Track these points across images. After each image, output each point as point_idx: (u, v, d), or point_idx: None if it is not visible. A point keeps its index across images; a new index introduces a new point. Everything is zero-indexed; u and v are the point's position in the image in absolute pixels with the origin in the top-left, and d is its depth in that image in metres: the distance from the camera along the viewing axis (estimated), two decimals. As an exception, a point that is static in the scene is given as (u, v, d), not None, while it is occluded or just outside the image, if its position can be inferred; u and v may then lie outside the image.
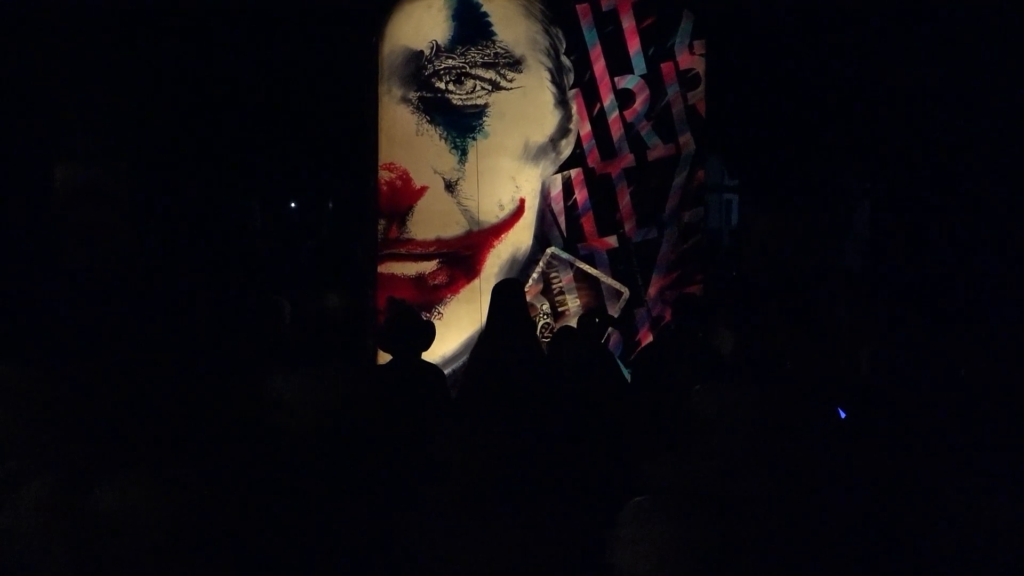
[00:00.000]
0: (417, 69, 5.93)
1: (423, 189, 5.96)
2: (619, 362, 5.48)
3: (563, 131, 6.06)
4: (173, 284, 6.44)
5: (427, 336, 4.27)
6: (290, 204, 8.94)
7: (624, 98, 6.09)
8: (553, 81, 6.03)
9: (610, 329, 5.95)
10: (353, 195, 7.20)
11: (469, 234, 6.01)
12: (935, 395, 3.95)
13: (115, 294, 6.20)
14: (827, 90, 7.23)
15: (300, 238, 8.84)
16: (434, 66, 5.92)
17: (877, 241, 8.15)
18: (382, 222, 5.96)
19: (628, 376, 5.87)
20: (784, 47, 7.05)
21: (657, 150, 6.12)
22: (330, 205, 8.70)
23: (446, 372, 4.79)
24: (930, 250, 7.49)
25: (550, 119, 6.04)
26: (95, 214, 6.51)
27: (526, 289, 5.65)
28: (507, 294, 4.79)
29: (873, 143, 7.65)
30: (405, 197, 5.95)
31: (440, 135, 5.96)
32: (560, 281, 6.07)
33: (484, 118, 5.96)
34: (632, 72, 6.09)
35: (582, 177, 6.08)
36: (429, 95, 5.94)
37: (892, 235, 7.86)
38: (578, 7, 6.05)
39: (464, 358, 5.85)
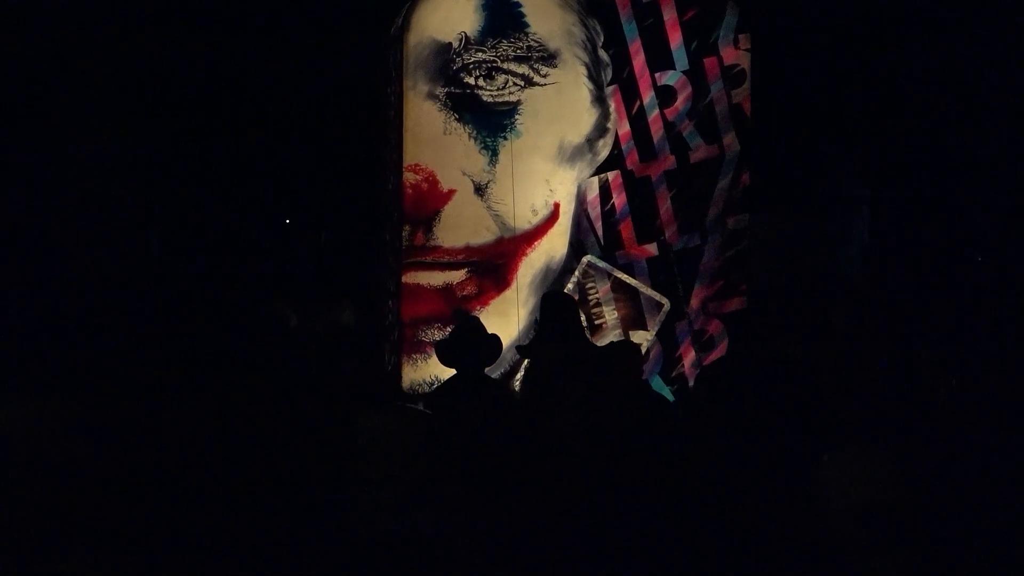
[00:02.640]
0: (445, 63, 5.56)
1: (451, 192, 5.59)
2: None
3: (600, 130, 5.71)
4: (177, 291, 6.25)
5: (494, 351, 4.12)
6: (296, 210, 8.61)
7: (665, 95, 5.75)
8: (590, 77, 5.69)
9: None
10: (364, 198, 6.92)
11: (500, 241, 5.63)
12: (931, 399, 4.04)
13: (119, 300, 5.99)
14: (832, 95, 7.24)
15: (308, 245, 8.53)
16: (463, 60, 5.56)
17: (876, 247, 8.21)
18: (407, 228, 5.57)
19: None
20: (803, 50, 7.01)
21: (700, 151, 5.78)
22: (340, 211, 8.38)
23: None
24: (928, 256, 7.52)
25: (586, 118, 5.69)
26: (101, 219, 6.32)
27: None
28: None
29: (873, 149, 7.73)
30: (431, 201, 5.58)
31: (469, 134, 5.59)
32: (597, 292, 5.72)
33: (516, 116, 5.60)
34: (673, 68, 5.75)
35: (620, 180, 5.73)
36: (457, 91, 5.57)
37: (891, 241, 7.97)
38: (616, -3, 5.72)
39: (494, 374, 5.53)
